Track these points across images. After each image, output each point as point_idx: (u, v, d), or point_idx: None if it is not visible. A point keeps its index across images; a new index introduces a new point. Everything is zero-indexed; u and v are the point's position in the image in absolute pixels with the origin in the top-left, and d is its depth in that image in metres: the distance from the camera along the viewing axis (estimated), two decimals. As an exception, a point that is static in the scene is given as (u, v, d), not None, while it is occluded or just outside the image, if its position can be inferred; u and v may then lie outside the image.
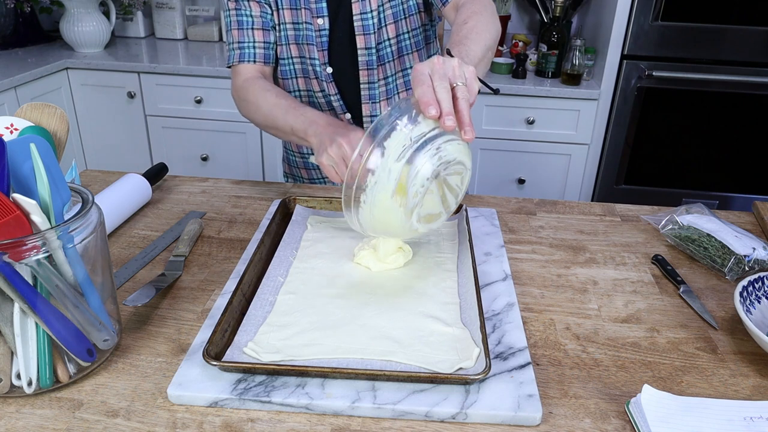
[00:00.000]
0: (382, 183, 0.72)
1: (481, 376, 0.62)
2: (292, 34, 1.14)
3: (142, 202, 1.06)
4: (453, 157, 0.73)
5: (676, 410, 0.62)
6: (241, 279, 0.79)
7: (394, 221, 0.76)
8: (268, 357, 0.67)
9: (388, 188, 0.72)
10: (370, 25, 1.12)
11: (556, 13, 2.28)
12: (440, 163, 0.72)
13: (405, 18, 1.15)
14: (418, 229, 0.78)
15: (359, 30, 1.12)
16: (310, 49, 1.14)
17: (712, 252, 0.92)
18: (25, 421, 0.61)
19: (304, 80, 1.19)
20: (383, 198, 0.72)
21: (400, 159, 0.71)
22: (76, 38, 2.41)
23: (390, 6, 1.12)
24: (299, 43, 1.14)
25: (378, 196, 0.73)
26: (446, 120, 0.69)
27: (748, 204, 2.26)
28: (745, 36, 2.06)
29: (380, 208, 0.74)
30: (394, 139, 0.71)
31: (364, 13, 1.11)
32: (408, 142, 0.71)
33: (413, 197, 0.73)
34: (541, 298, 0.84)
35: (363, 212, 0.75)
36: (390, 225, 0.76)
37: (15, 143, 0.61)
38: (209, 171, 2.44)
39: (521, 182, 2.35)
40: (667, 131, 2.22)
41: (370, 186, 0.72)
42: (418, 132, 0.71)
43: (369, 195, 0.73)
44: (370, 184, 0.72)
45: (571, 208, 1.11)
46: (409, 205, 0.73)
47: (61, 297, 0.61)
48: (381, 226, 0.77)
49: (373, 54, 1.14)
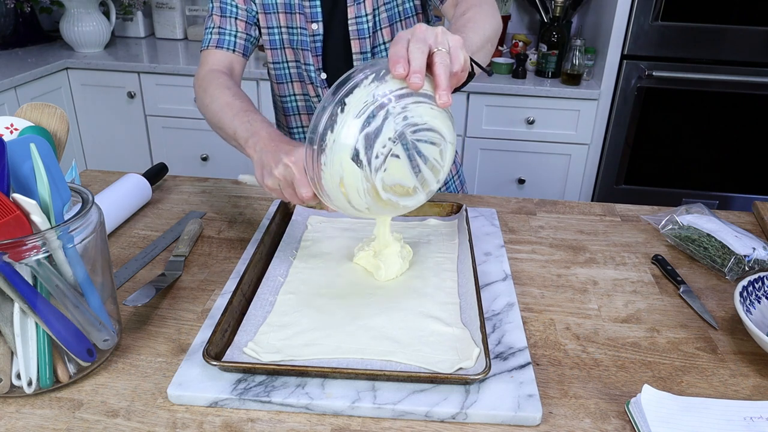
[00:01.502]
0: (341, 141, 0.66)
1: (481, 376, 0.62)
2: (286, 38, 1.13)
3: (142, 202, 1.06)
4: (423, 121, 0.68)
5: (676, 410, 0.62)
6: (241, 279, 0.79)
7: (356, 186, 0.69)
8: (268, 357, 0.67)
9: (347, 146, 0.66)
10: (365, 29, 1.10)
11: (556, 13, 2.28)
12: (405, 123, 0.66)
13: (401, 21, 1.14)
14: (390, 200, 0.72)
15: (354, 34, 1.11)
16: (304, 55, 1.13)
17: (712, 252, 0.92)
18: (25, 421, 0.61)
19: (300, 84, 1.18)
20: (343, 157, 0.67)
21: (359, 115, 0.65)
22: (76, 38, 2.41)
23: (385, 9, 1.11)
24: (294, 47, 1.13)
25: (337, 155, 0.67)
26: (412, 77, 0.63)
27: (748, 204, 2.26)
28: (745, 36, 2.06)
29: (341, 170, 0.68)
30: (356, 96, 0.66)
31: (359, 17, 1.10)
32: (370, 98, 0.65)
33: (374, 158, 0.67)
34: (541, 298, 0.84)
35: (325, 177, 0.70)
36: (354, 190, 0.70)
37: (15, 143, 0.61)
38: (209, 171, 2.44)
39: (521, 182, 2.35)
40: (667, 131, 2.22)
41: (329, 145, 0.67)
42: (384, 89, 0.66)
43: (329, 155, 0.67)
44: (329, 143, 0.67)
45: (571, 208, 1.11)
46: (372, 168, 0.67)
47: (61, 297, 0.61)
48: (345, 194, 0.71)
49: (368, 59, 1.14)
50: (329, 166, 0.68)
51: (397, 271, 0.84)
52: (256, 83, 2.27)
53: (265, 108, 2.30)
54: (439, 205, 1.02)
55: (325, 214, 1.02)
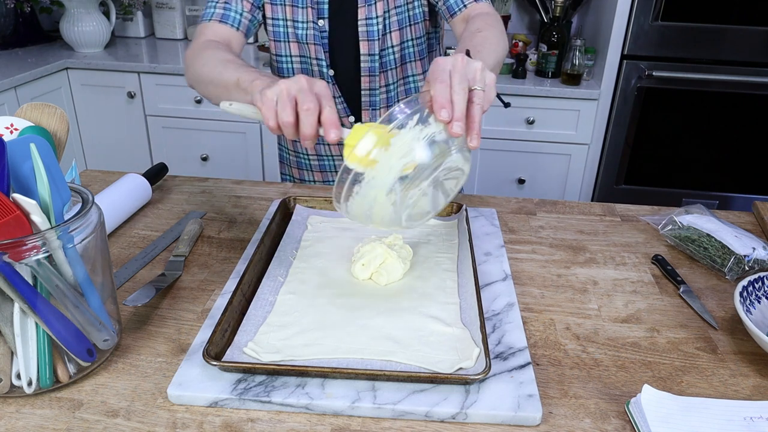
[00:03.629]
0: (380, 179, 0.68)
1: (481, 376, 0.62)
2: (292, 32, 1.12)
3: (142, 202, 1.06)
4: (456, 165, 0.71)
5: (676, 410, 0.62)
6: (241, 279, 0.79)
7: (383, 216, 0.72)
8: (268, 357, 0.67)
9: (386, 185, 0.68)
10: (375, 31, 1.11)
11: (556, 13, 2.28)
12: (443, 170, 0.70)
13: (410, 26, 1.14)
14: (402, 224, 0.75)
15: (363, 35, 1.11)
16: (314, 49, 1.12)
17: (712, 252, 0.92)
18: (25, 421, 0.61)
19: None
20: (378, 194, 0.69)
21: (405, 156, 0.67)
22: (76, 38, 2.41)
23: (396, 13, 1.11)
24: (300, 41, 1.13)
25: (372, 191, 0.69)
26: (454, 126, 0.66)
27: (748, 204, 2.25)
28: (745, 36, 2.06)
29: (373, 203, 0.70)
30: (402, 137, 0.67)
31: (369, 19, 1.10)
32: (416, 141, 0.67)
33: (409, 198, 0.70)
34: (541, 298, 0.84)
35: (353, 202, 0.71)
36: (377, 218, 0.73)
37: (15, 143, 0.61)
38: (209, 171, 2.44)
39: (521, 182, 2.35)
40: (667, 131, 2.22)
41: (367, 180, 0.68)
42: (427, 133, 0.68)
43: (364, 188, 0.69)
44: (368, 177, 0.68)
45: (571, 208, 1.11)
46: (403, 205, 0.71)
47: (61, 297, 0.61)
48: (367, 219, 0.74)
49: (376, 60, 1.13)
50: (361, 197, 0.70)
51: (400, 275, 0.84)
52: (256, 83, 2.26)
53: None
54: (439, 205, 1.02)
55: (325, 214, 1.02)
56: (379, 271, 0.83)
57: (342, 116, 1.19)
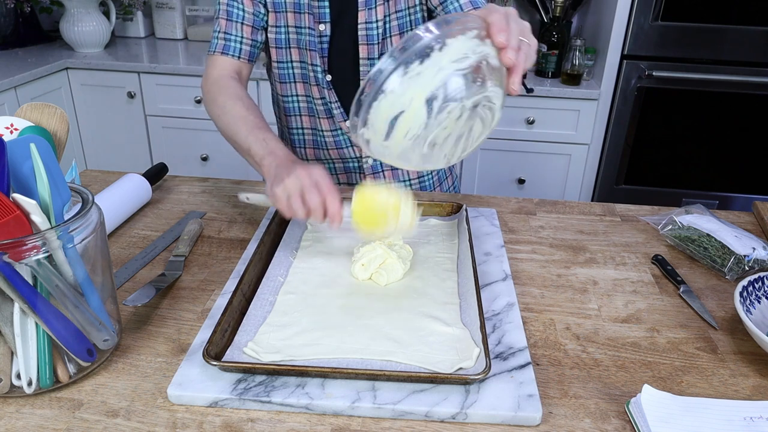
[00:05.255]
0: (426, 79, 0.61)
1: (481, 376, 0.62)
2: (293, 38, 1.13)
3: (142, 202, 1.06)
4: (494, 103, 0.66)
5: (676, 410, 0.62)
6: (241, 279, 0.79)
7: (408, 130, 0.65)
8: (268, 357, 0.67)
9: (430, 85, 0.61)
10: (375, 36, 1.10)
11: (556, 13, 2.28)
12: (484, 96, 0.64)
13: (410, 30, 1.13)
14: (423, 155, 0.68)
15: (363, 39, 1.11)
16: (312, 55, 1.12)
17: (712, 252, 0.92)
18: (25, 421, 0.61)
19: (303, 85, 1.17)
20: (416, 95, 0.62)
21: (457, 62, 0.61)
22: (76, 38, 2.41)
23: (396, 17, 1.11)
24: (300, 47, 1.13)
25: (411, 89, 0.62)
26: (509, 51, 0.63)
27: (748, 204, 2.26)
28: (745, 36, 2.06)
29: (406, 105, 0.63)
30: (459, 41, 0.62)
31: (369, 23, 1.10)
32: (470, 53, 0.62)
33: (445, 112, 0.63)
34: (541, 298, 0.84)
35: (381, 104, 0.64)
36: (403, 130, 0.65)
37: (15, 143, 0.61)
38: (209, 171, 2.44)
39: (521, 182, 2.35)
40: (667, 131, 2.22)
41: (410, 74, 0.61)
42: (483, 50, 0.63)
43: (402, 84, 0.62)
44: (412, 71, 0.61)
45: (571, 208, 1.11)
46: (435, 121, 0.64)
47: (61, 297, 0.61)
48: (388, 129, 0.66)
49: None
50: (393, 96, 0.63)
51: (400, 275, 0.84)
52: (256, 83, 2.27)
53: (265, 108, 2.30)
54: (439, 205, 1.02)
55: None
56: (379, 271, 0.83)
57: (339, 121, 1.19)
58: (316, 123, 1.20)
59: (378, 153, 0.71)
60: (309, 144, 1.24)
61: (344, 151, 1.22)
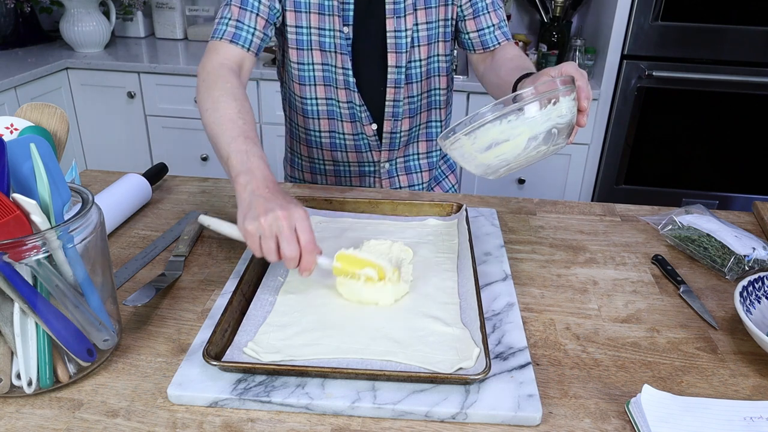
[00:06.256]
0: (536, 123, 0.76)
1: (481, 376, 0.62)
2: (316, 40, 1.10)
3: (142, 202, 1.06)
4: (562, 146, 0.83)
5: (676, 410, 0.62)
6: (241, 279, 0.79)
7: (504, 152, 0.79)
8: (268, 357, 0.67)
9: (537, 129, 0.76)
10: (403, 44, 1.10)
11: (556, 13, 2.28)
12: (561, 143, 0.81)
13: (438, 42, 1.14)
14: (500, 166, 0.82)
15: (391, 47, 1.10)
16: (340, 59, 1.11)
17: (712, 252, 0.92)
18: (25, 421, 0.61)
19: (324, 88, 1.15)
20: (524, 133, 0.77)
21: (560, 117, 0.78)
22: (76, 38, 2.41)
23: (426, 28, 1.11)
24: (324, 49, 1.11)
25: (522, 127, 0.76)
26: (586, 117, 0.83)
27: (748, 204, 2.26)
28: (745, 36, 2.06)
29: (512, 136, 0.77)
30: (565, 101, 0.78)
31: (398, 31, 1.09)
32: (568, 112, 0.79)
33: (535, 151, 0.78)
34: (541, 298, 0.84)
35: (490, 128, 0.77)
36: (496, 155, 0.79)
37: (15, 143, 0.61)
38: (209, 171, 2.44)
39: (521, 182, 2.35)
40: (667, 131, 2.22)
41: (526, 116, 0.76)
42: (574, 111, 0.81)
43: (512, 120, 0.76)
44: (527, 114, 0.76)
45: (571, 208, 1.11)
46: (525, 152, 0.78)
47: (61, 297, 0.61)
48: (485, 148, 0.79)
49: (402, 72, 1.13)
50: (503, 125, 0.76)
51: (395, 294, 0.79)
52: (256, 83, 2.26)
53: (265, 107, 2.30)
54: (439, 205, 1.02)
55: (325, 214, 1.02)
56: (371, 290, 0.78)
57: (365, 124, 1.17)
58: (336, 126, 1.19)
59: (460, 156, 0.81)
60: (326, 146, 1.23)
61: (363, 155, 1.22)
